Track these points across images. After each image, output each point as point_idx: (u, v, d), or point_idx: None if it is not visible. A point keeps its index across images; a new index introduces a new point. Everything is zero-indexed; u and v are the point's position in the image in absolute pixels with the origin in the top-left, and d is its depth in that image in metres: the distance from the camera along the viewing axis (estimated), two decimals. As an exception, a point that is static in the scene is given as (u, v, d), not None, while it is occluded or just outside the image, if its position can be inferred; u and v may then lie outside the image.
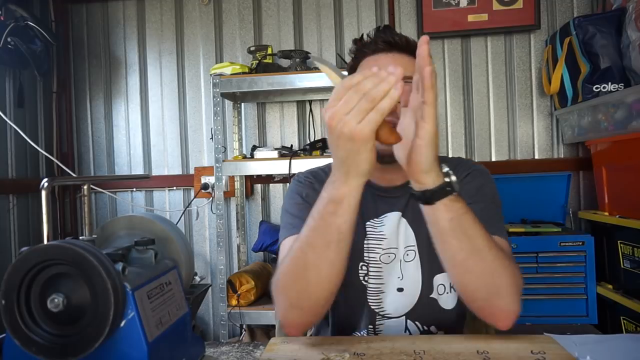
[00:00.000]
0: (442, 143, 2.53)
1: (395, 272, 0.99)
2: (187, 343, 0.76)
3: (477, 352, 0.76)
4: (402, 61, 0.94)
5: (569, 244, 2.00)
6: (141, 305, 0.64)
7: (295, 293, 0.82)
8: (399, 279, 0.99)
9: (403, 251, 0.99)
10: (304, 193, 1.00)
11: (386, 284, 0.99)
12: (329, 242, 0.76)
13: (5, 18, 2.18)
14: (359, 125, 0.63)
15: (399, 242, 1.00)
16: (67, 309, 0.60)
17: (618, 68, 1.91)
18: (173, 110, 2.69)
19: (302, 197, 1.00)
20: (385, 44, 0.97)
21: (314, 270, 0.78)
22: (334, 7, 2.58)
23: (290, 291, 0.82)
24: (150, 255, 0.75)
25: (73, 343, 0.60)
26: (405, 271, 0.99)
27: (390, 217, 1.01)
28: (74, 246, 0.60)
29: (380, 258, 0.99)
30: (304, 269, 0.79)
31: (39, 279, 0.61)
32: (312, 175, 1.05)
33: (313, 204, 0.93)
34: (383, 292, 0.99)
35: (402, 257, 0.99)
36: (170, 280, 0.75)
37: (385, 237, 1.00)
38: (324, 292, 0.80)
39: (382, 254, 1.00)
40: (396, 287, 0.99)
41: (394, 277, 0.99)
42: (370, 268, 0.99)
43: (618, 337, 0.83)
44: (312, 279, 0.79)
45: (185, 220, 2.67)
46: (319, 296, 0.81)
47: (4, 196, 2.31)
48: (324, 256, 0.77)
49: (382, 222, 1.01)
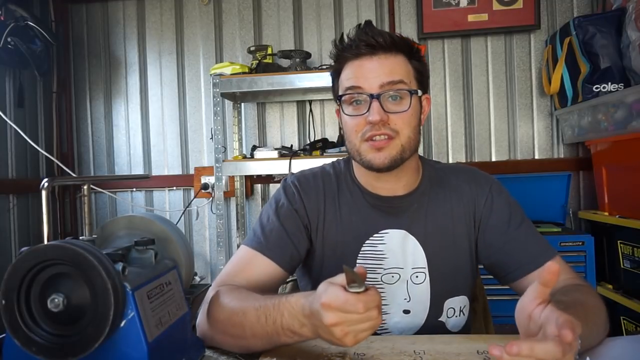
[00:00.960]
0: (442, 143, 2.53)
1: (402, 293, 0.95)
2: (187, 343, 0.76)
3: (477, 352, 0.76)
4: (387, 63, 0.89)
5: (569, 244, 2.00)
6: (141, 305, 0.64)
7: (230, 338, 0.79)
8: (405, 300, 0.95)
9: (411, 272, 0.95)
10: (282, 213, 0.96)
11: (390, 304, 0.95)
12: (270, 342, 0.75)
13: (5, 18, 2.18)
14: (354, 338, 0.64)
15: (405, 261, 0.95)
16: (67, 309, 0.60)
17: (618, 68, 1.91)
18: (173, 110, 2.69)
19: (279, 219, 0.95)
20: (368, 47, 0.89)
21: (251, 340, 0.76)
22: (334, 7, 2.58)
23: (224, 335, 0.80)
24: (150, 255, 0.75)
25: (73, 343, 0.60)
26: (413, 293, 0.95)
27: (392, 234, 0.96)
28: (74, 246, 0.59)
29: (382, 278, 0.95)
30: (241, 336, 0.77)
31: (39, 279, 0.61)
32: (298, 184, 1.00)
33: (287, 226, 0.94)
34: (387, 314, 0.95)
35: (409, 277, 0.95)
36: (170, 280, 0.75)
37: (386, 256, 0.95)
38: (258, 348, 0.78)
39: (383, 274, 0.95)
40: (402, 309, 0.96)
41: (399, 298, 0.95)
42: None
43: (618, 339, 0.83)
44: (248, 343, 0.77)
45: (185, 220, 2.67)
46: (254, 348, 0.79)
47: (4, 196, 2.31)
48: (262, 343, 0.76)
49: (383, 239, 0.96)
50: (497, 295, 1.53)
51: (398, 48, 0.90)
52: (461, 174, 1.02)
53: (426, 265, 0.96)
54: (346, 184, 1.00)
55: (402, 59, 0.91)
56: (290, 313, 0.71)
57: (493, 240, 0.96)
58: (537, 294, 0.62)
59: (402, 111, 0.88)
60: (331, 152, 2.26)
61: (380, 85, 0.88)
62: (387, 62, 0.89)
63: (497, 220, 0.96)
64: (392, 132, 0.88)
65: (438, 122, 2.53)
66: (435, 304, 0.96)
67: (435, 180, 1.00)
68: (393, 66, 0.89)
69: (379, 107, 0.87)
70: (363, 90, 0.89)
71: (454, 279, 0.98)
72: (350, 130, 0.92)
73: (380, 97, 0.87)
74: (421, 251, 0.96)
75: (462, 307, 0.99)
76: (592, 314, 0.74)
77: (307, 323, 0.69)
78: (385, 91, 0.88)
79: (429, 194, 0.99)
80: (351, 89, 0.90)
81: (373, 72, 0.88)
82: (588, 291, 0.84)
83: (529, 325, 0.62)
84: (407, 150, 0.90)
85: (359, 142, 0.90)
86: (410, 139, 0.90)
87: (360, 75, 0.89)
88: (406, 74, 0.90)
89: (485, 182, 1.00)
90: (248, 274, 0.90)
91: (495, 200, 0.98)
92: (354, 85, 0.90)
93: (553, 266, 0.59)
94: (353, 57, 0.91)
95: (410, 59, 0.92)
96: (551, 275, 0.60)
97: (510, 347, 0.54)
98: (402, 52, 0.91)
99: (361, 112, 0.89)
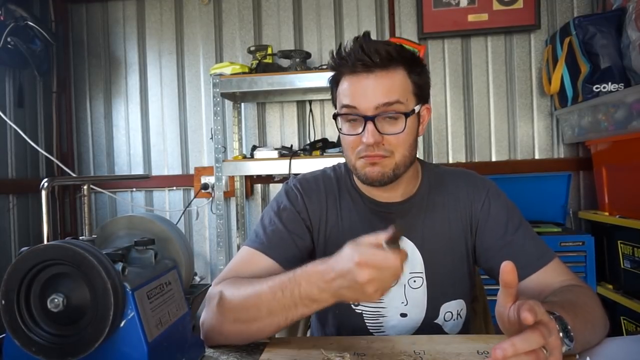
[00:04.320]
0: (442, 143, 2.53)
1: (399, 297, 0.96)
2: (187, 343, 0.76)
3: (477, 352, 0.76)
4: (384, 82, 0.87)
5: (569, 244, 2.00)
6: (141, 306, 0.64)
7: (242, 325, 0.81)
8: (403, 304, 0.96)
9: (408, 276, 0.96)
10: (284, 215, 0.97)
11: (388, 308, 0.96)
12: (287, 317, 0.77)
13: (5, 18, 2.18)
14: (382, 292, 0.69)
15: None
16: (67, 309, 0.60)
17: (618, 68, 1.91)
18: (173, 110, 2.69)
19: (281, 220, 0.96)
20: (364, 66, 0.87)
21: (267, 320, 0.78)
22: (334, 7, 2.58)
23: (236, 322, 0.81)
24: (150, 255, 0.75)
25: (73, 343, 0.60)
26: (410, 297, 0.96)
27: None
28: (74, 246, 0.59)
29: None
30: (256, 318, 0.79)
31: (39, 279, 0.61)
32: (300, 186, 1.01)
33: (289, 227, 0.94)
34: (384, 317, 0.96)
35: (406, 282, 0.96)
36: (170, 280, 0.75)
37: None
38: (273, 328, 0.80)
39: None
40: (400, 312, 0.96)
41: (397, 301, 0.96)
42: None
43: (618, 339, 0.83)
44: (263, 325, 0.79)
45: (185, 220, 2.67)
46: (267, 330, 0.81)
47: (4, 196, 2.31)
48: (277, 320, 0.78)
49: None
50: (497, 295, 1.53)
51: (397, 62, 0.88)
52: (458, 178, 1.02)
53: (423, 270, 0.96)
54: (347, 188, 1.01)
55: (401, 75, 0.89)
56: (308, 281, 0.73)
57: (491, 244, 0.96)
58: (503, 297, 0.63)
59: (397, 133, 0.88)
60: (331, 152, 2.26)
61: (376, 107, 0.87)
62: (384, 81, 0.87)
63: (495, 224, 0.97)
64: (386, 152, 0.89)
65: (438, 122, 2.52)
66: (431, 307, 0.96)
67: (434, 185, 1.01)
68: (390, 85, 0.88)
69: (374, 130, 0.87)
70: (358, 111, 0.88)
71: (451, 283, 0.98)
72: (347, 146, 0.93)
73: (375, 118, 0.87)
74: (419, 256, 0.96)
75: (459, 310, 0.99)
76: (583, 310, 0.74)
77: (327, 288, 0.71)
78: (380, 113, 0.87)
79: (426, 199, 0.99)
80: (347, 108, 0.90)
81: (369, 91, 0.87)
82: (582, 291, 0.84)
83: (510, 328, 0.63)
84: (402, 167, 0.91)
85: (354, 158, 0.92)
86: (405, 157, 0.91)
87: (356, 94, 0.88)
88: (403, 93, 0.89)
89: (482, 186, 1.01)
90: (249, 271, 0.90)
91: (493, 204, 0.98)
92: (349, 104, 0.89)
93: (507, 265, 0.60)
94: (349, 72, 0.89)
95: (410, 73, 0.90)
96: (508, 275, 0.61)
97: (495, 353, 0.55)
98: (401, 65, 0.89)
99: (357, 132, 0.89)
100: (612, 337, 0.81)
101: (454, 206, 0.99)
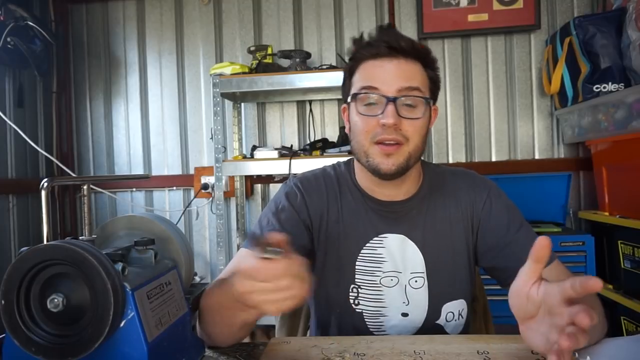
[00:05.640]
0: (442, 143, 2.53)
1: (400, 297, 0.96)
2: (187, 343, 0.76)
3: (477, 352, 0.75)
4: (406, 68, 0.88)
5: (569, 244, 2.00)
6: (141, 306, 0.64)
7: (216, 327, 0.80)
8: (404, 304, 0.96)
9: (409, 276, 0.96)
10: (282, 215, 0.96)
11: (389, 307, 0.96)
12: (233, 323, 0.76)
13: (5, 18, 2.18)
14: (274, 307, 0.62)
15: (404, 266, 0.96)
16: (67, 309, 0.60)
17: (618, 68, 1.91)
18: (173, 110, 2.69)
19: (279, 221, 0.95)
20: (390, 49, 0.88)
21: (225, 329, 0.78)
22: (334, 7, 2.58)
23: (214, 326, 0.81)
24: (150, 255, 0.75)
25: (73, 343, 0.60)
26: (411, 297, 0.96)
27: (391, 238, 0.96)
28: (74, 246, 0.59)
29: (381, 281, 0.95)
30: (220, 323, 0.78)
31: (39, 279, 0.61)
32: (301, 185, 1.01)
33: (287, 226, 0.93)
34: (385, 316, 0.96)
35: (407, 282, 0.96)
36: (170, 280, 0.75)
37: (385, 259, 0.96)
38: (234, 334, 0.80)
39: (382, 277, 0.95)
40: (401, 312, 0.96)
41: (398, 301, 0.96)
42: (363, 291, 0.96)
43: (618, 339, 0.83)
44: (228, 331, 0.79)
45: (185, 220, 2.67)
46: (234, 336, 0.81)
47: (4, 196, 2.30)
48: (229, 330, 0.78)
49: (382, 243, 0.96)
50: (497, 295, 1.52)
51: (417, 55, 0.89)
52: (460, 178, 1.02)
53: (424, 270, 0.96)
54: (347, 186, 1.00)
55: (420, 67, 0.90)
56: None
57: (492, 244, 0.96)
58: (530, 273, 0.61)
59: (416, 118, 0.88)
60: (331, 152, 2.26)
61: (399, 89, 0.87)
62: (407, 67, 0.88)
63: (496, 224, 0.97)
64: (402, 138, 0.87)
65: (438, 122, 2.52)
66: (433, 308, 0.96)
67: (435, 185, 1.01)
68: (412, 72, 0.89)
69: (394, 111, 0.86)
70: (379, 91, 0.87)
71: (452, 284, 0.98)
72: (360, 130, 0.90)
73: (397, 101, 0.86)
74: (420, 256, 0.96)
75: (460, 310, 0.99)
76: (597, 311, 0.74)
77: None
78: (402, 95, 0.87)
79: (428, 200, 0.99)
80: (367, 89, 0.89)
81: (392, 74, 0.88)
82: None
83: (527, 307, 0.62)
84: (413, 158, 0.90)
85: (368, 143, 0.89)
86: (417, 147, 0.90)
87: (378, 76, 0.88)
88: (422, 82, 0.90)
89: (483, 186, 1.00)
90: None
91: (494, 204, 0.98)
92: (370, 85, 0.89)
93: (544, 240, 0.59)
94: (371, 56, 0.90)
95: (426, 68, 0.92)
96: (543, 249, 0.59)
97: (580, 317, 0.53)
98: (419, 59, 0.90)
99: (374, 113, 0.88)
100: (612, 337, 0.80)
101: (455, 206, 0.99)
